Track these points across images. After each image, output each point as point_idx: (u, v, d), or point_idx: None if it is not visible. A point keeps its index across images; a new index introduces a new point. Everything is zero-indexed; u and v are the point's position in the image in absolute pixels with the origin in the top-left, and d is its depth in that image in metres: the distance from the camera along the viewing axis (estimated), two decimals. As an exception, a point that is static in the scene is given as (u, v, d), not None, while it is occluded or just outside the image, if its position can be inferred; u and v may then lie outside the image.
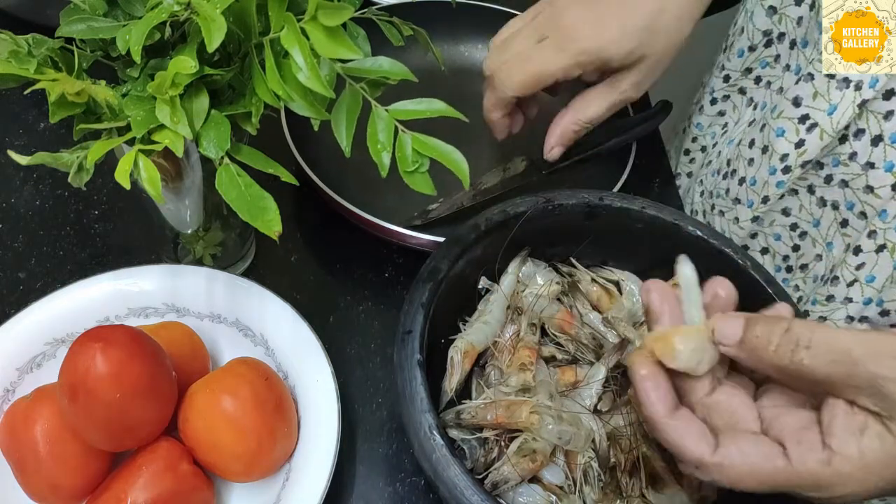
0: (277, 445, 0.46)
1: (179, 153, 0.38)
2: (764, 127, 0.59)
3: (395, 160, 0.41)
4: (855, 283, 0.56)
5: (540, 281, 0.54)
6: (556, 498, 0.44)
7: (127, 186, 0.36)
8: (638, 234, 0.53)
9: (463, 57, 0.77)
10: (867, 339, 0.32)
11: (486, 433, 0.46)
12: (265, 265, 0.60)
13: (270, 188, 0.39)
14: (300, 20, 0.35)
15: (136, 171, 0.37)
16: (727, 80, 0.68)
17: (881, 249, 0.54)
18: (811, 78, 0.54)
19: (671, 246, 0.50)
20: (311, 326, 0.51)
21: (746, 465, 0.33)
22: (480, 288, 0.53)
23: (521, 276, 0.54)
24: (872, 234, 0.54)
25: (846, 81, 0.51)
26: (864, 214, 0.55)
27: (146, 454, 0.44)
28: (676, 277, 0.38)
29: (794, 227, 0.62)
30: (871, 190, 0.54)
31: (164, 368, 0.44)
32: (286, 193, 0.59)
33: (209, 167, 0.45)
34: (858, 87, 0.51)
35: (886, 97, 0.50)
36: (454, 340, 0.49)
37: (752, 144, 0.61)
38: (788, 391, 0.36)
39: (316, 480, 0.45)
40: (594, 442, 0.47)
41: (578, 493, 0.45)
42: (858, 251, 0.55)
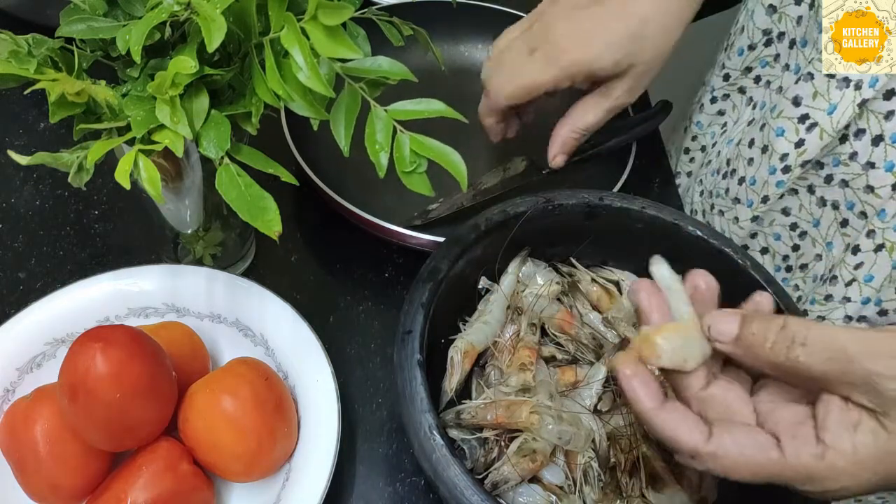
0: (277, 445, 0.46)
1: (179, 153, 0.38)
2: (764, 126, 0.59)
3: (393, 160, 0.41)
4: (853, 282, 0.56)
5: (540, 281, 0.55)
6: (556, 498, 0.44)
7: (127, 186, 0.36)
8: (638, 234, 0.53)
9: (463, 57, 0.77)
10: (862, 336, 0.32)
11: (486, 433, 0.46)
12: (265, 265, 0.60)
13: (270, 188, 0.39)
14: (300, 20, 0.35)
15: (136, 171, 0.37)
16: (727, 78, 0.68)
17: (880, 249, 0.54)
18: (811, 77, 0.54)
19: (671, 246, 0.50)
20: (311, 326, 0.51)
21: (741, 455, 0.34)
22: (480, 288, 0.53)
23: (521, 276, 0.54)
24: (871, 233, 0.54)
25: (846, 81, 0.51)
26: (864, 214, 0.55)
27: (146, 454, 0.44)
28: (655, 279, 0.38)
29: (793, 226, 0.62)
30: (871, 190, 0.54)
31: (164, 368, 0.44)
32: (286, 193, 0.59)
33: (209, 167, 0.45)
34: (858, 86, 0.51)
35: (887, 97, 0.50)
36: (454, 340, 0.49)
37: (751, 144, 0.61)
38: (784, 387, 0.36)
39: (316, 480, 0.45)
40: (594, 442, 0.47)
41: (578, 493, 0.45)
42: (857, 251, 0.55)
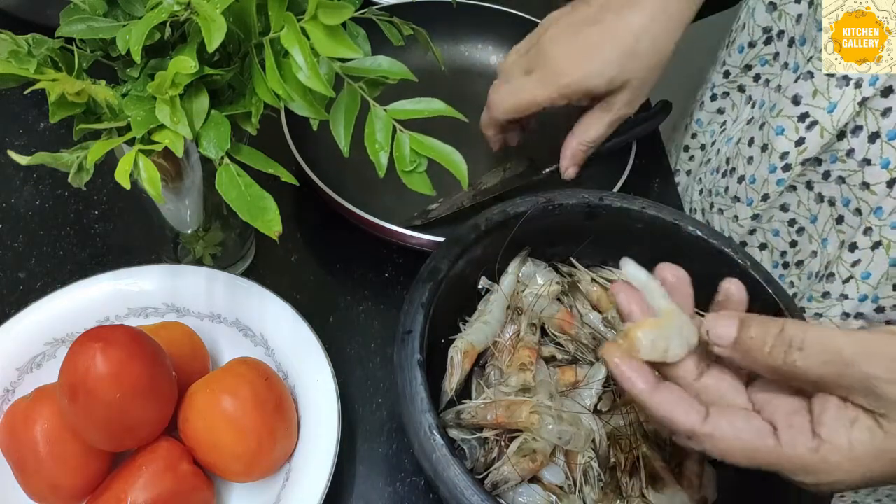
0: (277, 445, 0.46)
1: (179, 153, 0.38)
2: (763, 125, 0.59)
3: (393, 160, 0.41)
4: (850, 279, 0.56)
5: (540, 281, 0.55)
6: (556, 498, 0.44)
7: (127, 186, 0.36)
8: (638, 234, 0.53)
9: (463, 57, 0.77)
10: (859, 339, 0.32)
11: (486, 433, 0.46)
12: (265, 265, 0.60)
13: (270, 188, 0.39)
14: (300, 20, 0.35)
15: (136, 171, 0.37)
16: (727, 75, 0.68)
17: (877, 246, 0.54)
18: (811, 76, 0.54)
19: (671, 246, 0.50)
20: (311, 326, 0.51)
21: (737, 438, 0.34)
22: (480, 288, 0.53)
23: (521, 276, 0.54)
24: (868, 231, 0.54)
25: (846, 79, 0.51)
26: (859, 211, 0.55)
27: (146, 454, 0.44)
28: (628, 279, 0.39)
29: (792, 222, 0.62)
30: (867, 186, 0.54)
31: (164, 368, 0.44)
32: (286, 193, 0.59)
33: (209, 167, 0.45)
34: (858, 84, 0.51)
35: (885, 94, 0.50)
36: (454, 340, 0.49)
37: (751, 143, 0.61)
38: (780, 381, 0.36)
39: (316, 480, 0.45)
40: (594, 442, 0.47)
41: (578, 493, 0.45)
42: (854, 248, 0.55)
